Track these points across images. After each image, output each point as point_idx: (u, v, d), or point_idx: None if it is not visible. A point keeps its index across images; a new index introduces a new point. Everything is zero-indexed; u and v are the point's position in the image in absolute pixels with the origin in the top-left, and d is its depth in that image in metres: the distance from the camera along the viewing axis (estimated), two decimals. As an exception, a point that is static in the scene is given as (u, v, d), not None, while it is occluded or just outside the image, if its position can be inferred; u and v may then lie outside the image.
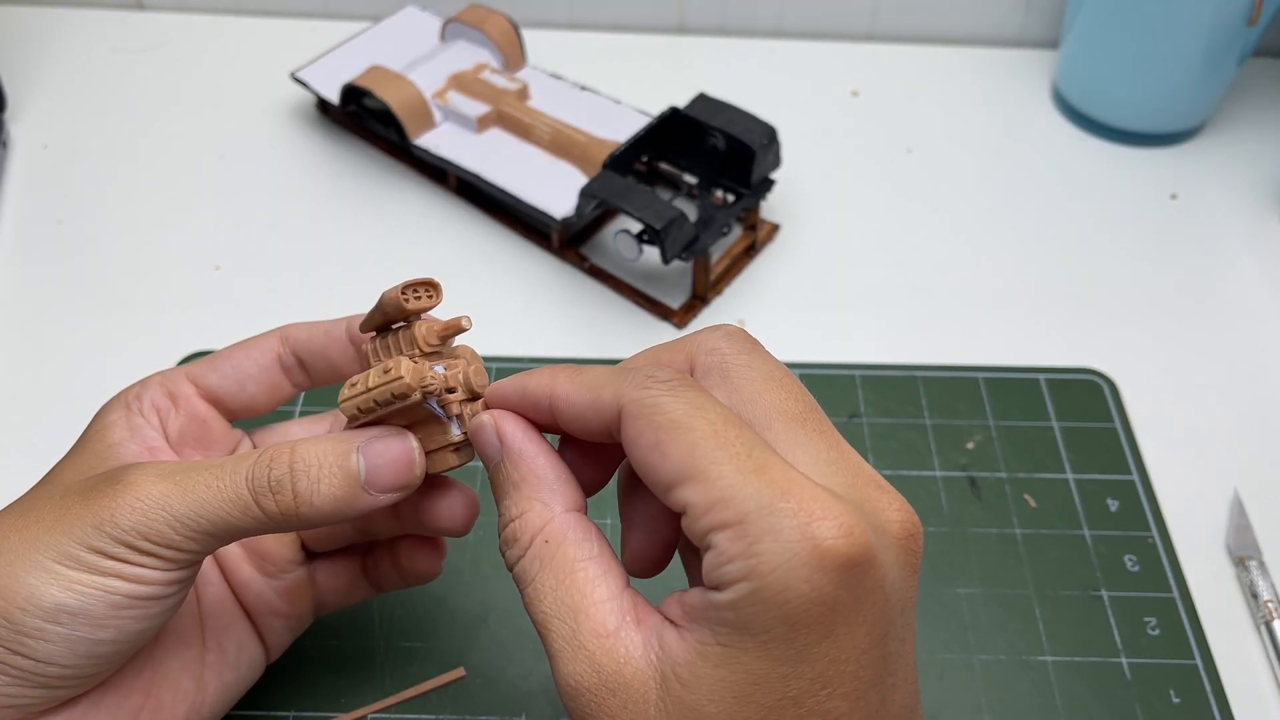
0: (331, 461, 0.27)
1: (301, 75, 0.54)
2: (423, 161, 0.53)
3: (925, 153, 0.56)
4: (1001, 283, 0.50)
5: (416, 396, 0.26)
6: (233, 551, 0.32)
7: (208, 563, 0.31)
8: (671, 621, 0.23)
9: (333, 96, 0.53)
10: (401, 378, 0.26)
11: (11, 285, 0.49)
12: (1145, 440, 0.43)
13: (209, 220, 0.52)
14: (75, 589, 0.25)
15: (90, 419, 0.31)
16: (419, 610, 0.38)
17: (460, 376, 0.27)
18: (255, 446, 0.32)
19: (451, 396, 0.27)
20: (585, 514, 0.26)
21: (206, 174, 0.54)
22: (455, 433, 0.28)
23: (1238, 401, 0.45)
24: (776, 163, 0.49)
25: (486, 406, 0.28)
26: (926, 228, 0.52)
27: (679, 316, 0.47)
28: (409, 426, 0.28)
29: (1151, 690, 0.36)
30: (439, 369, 0.27)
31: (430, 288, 0.27)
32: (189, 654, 0.30)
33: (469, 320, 0.27)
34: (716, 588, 0.22)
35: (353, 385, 0.28)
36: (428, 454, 0.28)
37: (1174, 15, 0.51)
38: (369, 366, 0.28)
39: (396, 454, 0.27)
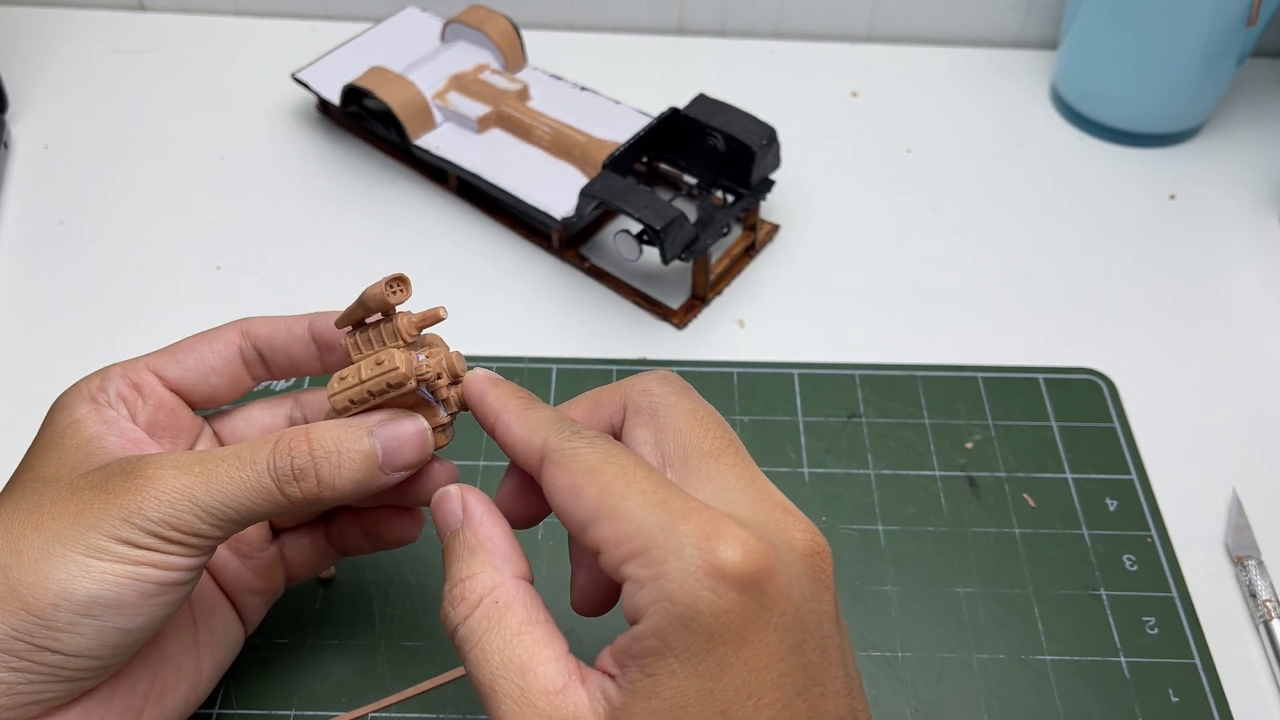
0: (350, 446, 0.28)
1: (302, 76, 0.54)
2: (423, 162, 0.53)
3: (924, 153, 0.56)
4: (1000, 283, 0.50)
5: (411, 384, 0.28)
6: None
7: None
8: (609, 674, 0.24)
9: (333, 97, 0.53)
10: (398, 368, 0.28)
11: (12, 285, 0.49)
12: (1144, 440, 0.43)
13: (209, 220, 0.52)
14: (108, 580, 0.26)
15: (47, 413, 0.31)
16: (419, 610, 0.38)
17: (444, 363, 0.29)
18: (215, 433, 0.33)
19: (440, 382, 0.29)
20: (532, 585, 0.27)
21: (207, 174, 0.54)
22: (443, 414, 0.29)
23: (1236, 401, 0.45)
24: (776, 163, 0.49)
25: (461, 401, 0.29)
26: (926, 228, 0.53)
27: (679, 316, 0.48)
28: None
29: (1150, 689, 0.36)
30: (421, 357, 0.29)
31: (402, 282, 0.29)
32: (186, 636, 0.31)
33: (445, 310, 0.29)
34: (634, 620, 0.23)
35: (342, 379, 0.29)
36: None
37: (1172, 16, 0.51)
38: (349, 360, 0.30)
39: (410, 434, 0.29)
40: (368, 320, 0.30)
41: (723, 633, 0.23)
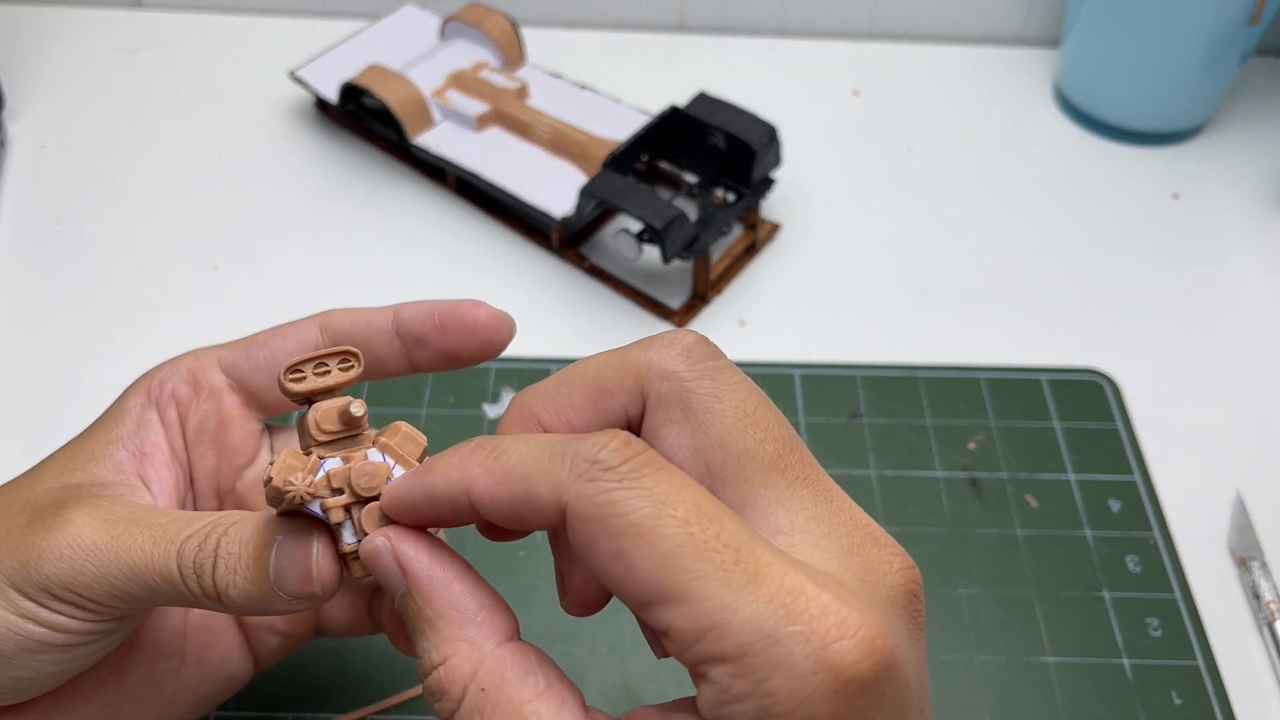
0: (251, 555, 0.23)
1: (300, 74, 0.54)
2: (422, 161, 0.53)
3: (926, 152, 0.56)
4: (1002, 282, 0.50)
5: (290, 497, 0.23)
6: None
7: None
8: None
9: (332, 95, 0.53)
10: (270, 477, 0.23)
11: (10, 285, 0.49)
12: (1147, 440, 0.43)
13: (208, 220, 0.52)
14: None
15: (110, 404, 0.30)
16: (418, 611, 0.37)
17: (345, 477, 0.23)
18: (273, 451, 0.30)
19: (335, 500, 0.23)
20: (520, 639, 0.22)
21: (205, 173, 0.54)
22: (348, 540, 0.23)
23: (1240, 401, 0.45)
24: (777, 162, 0.49)
25: (385, 517, 0.23)
26: (927, 227, 0.52)
27: (679, 316, 0.47)
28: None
29: (1153, 691, 0.36)
30: (331, 463, 0.23)
31: (348, 358, 0.24)
32: (162, 667, 0.29)
33: (361, 405, 0.23)
34: None
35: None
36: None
37: (1175, 14, 0.51)
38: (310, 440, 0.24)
39: (293, 556, 0.23)
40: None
41: None
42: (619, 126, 0.50)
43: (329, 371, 0.23)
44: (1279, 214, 0.53)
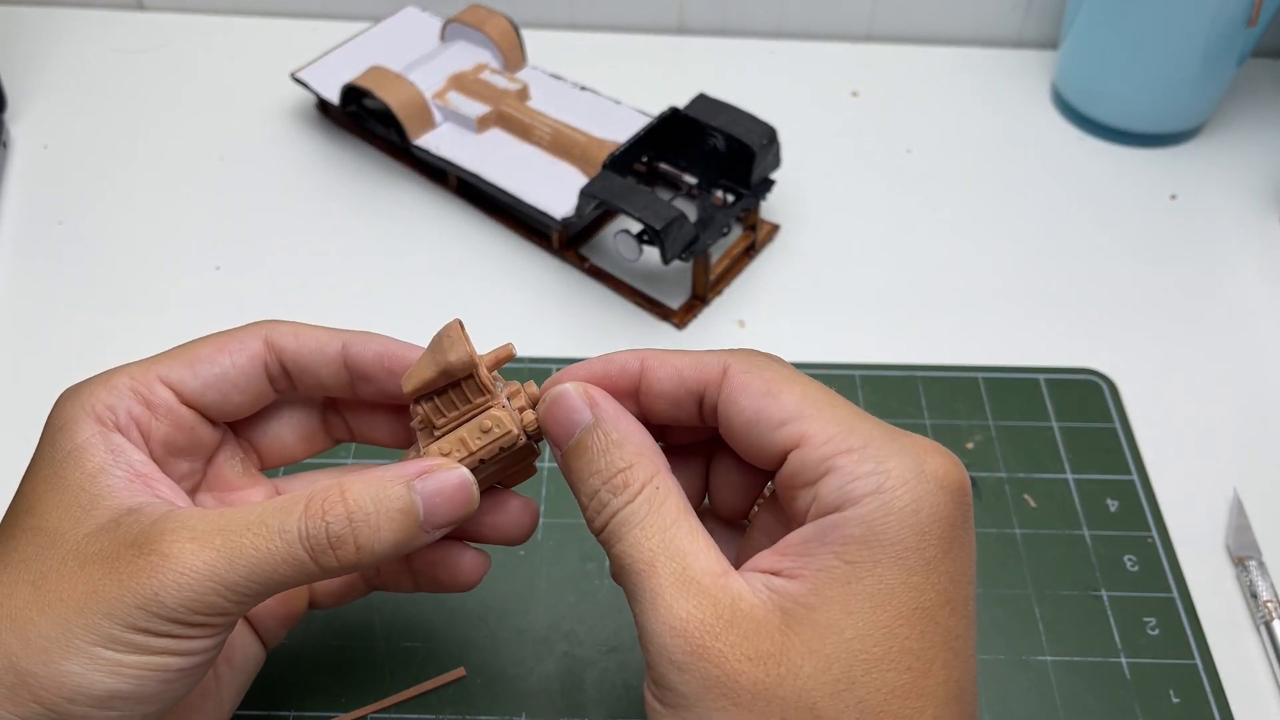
0: (390, 505, 0.26)
1: (302, 76, 0.54)
2: (423, 162, 0.53)
3: (925, 153, 0.56)
4: (1001, 283, 0.50)
5: (522, 440, 0.28)
6: None
7: None
8: (769, 572, 0.24)
9: (333, 97, 0.53)
10: (510, 430, 0.27)
11: (12, 285, 0.49)
12: (1145, 440, 0.43)
13: (209, 220, 0.52)
14: (126, 673, 0.24)
15: (47, 427, 0.28)
16: (419, 610, 0.38)
17: (527, 398, 0.28)
18: (248, 441, 0.31)
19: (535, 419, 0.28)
20: None
21: (207, 174, 0.54)
22: (537, 448, 0.29)
23: (1237, 401, 0.45)
24: (776, 163, 0.49)
25: (533, 403, 0.28)
26: (926, 228, 0.52)
27: (679, 316, 0.48)
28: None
29: (1151, 690, 0.36)
30: (508, 403, 0.28)
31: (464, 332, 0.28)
32: (206, 682, 0.30)
33: (514, 346, 0.28)
34: (838, 508, 0.24)
35: (445, 454, 0.28)
36: (510, 474, 0.29)
37: (1173, 16, 0.51)
38: (431, 428, 0.28)
39: (454, 488, 0.26)
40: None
41: (934, 538, 0.23)
42: (619, 128, 0.50)
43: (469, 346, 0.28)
44: (1276, 215, 0.53)
